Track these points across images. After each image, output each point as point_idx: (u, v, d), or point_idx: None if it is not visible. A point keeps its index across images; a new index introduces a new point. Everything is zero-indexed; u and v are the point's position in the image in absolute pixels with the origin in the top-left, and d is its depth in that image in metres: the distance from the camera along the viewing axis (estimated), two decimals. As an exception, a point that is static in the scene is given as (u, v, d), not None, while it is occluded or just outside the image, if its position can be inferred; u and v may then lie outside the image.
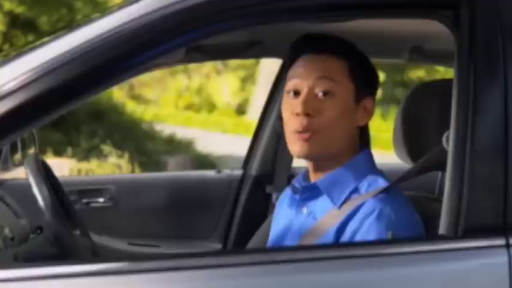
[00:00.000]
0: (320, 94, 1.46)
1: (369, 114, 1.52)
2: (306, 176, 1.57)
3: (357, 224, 1.39)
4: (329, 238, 1.41)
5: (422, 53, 2.30)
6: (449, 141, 1.32)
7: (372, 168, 1.51)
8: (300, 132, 1.44)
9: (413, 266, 1.25)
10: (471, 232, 1.26)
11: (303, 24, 1.67)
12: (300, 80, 1.48)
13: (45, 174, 1.57)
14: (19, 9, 8.78)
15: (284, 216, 1.60)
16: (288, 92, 1.50)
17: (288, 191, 1.63)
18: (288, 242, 1.52)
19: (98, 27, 1.26)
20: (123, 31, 1.23)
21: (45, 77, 1.21)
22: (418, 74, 10.50)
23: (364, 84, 1.51)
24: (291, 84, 1.50)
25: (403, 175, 1.47)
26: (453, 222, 1.26)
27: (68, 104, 1.23)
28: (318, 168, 1.51)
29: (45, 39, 1.36)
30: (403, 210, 1.41)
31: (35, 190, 1.48)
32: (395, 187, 1.44)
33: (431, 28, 1.55)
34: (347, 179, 1.47)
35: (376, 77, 1.56)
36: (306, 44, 1.51)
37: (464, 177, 1.26)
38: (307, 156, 1.49)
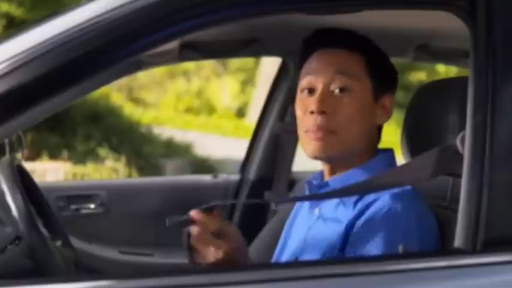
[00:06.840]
0: (336, 91, 1.39)
1: (388, 112, 1.45)
2: (322, 175, 1.49)
3: (362, 223, 1.31)
4: (336, 241, 1.34)
5: (428, 51, 2.24)
6: (464, 143, 1.21)
7: None
8: (313, 131, 1.37)
9: (427, 283, 1.14)
10: (491, 245, 1.16)
11: (303, 19, 1.58)
12: (314, 76, 1.41)
13: (21, 180, 1.45)
14: (17, 12, 8.69)
15: (298, 215, 1.55)
16: (302, 90, 1.43)
17: (305, 189, 1.55)
18: (296, 243, 1.47)
19: (77, 17, 1.15)
20: (104, 21, 1.13)
21: (17, 71, 1.10)
22: (419, 76, 10.44)
23: (383, 81, 1.44)
24: (305, 81, 1.43)
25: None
26: (471, 235, 1.16)
27: (45, 102, 1.12)
28: (333, 170, 1.44)
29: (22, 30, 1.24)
30: (417, 214, 1.33)
31: (8, 198, 1.36)
32: (415, 192, 1.36)
33: (439, 24, 1.47)
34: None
35: (395, 73, 1.50)
36: (319, 39, 1.45)
37: (482, 184, 1.16)
38: (321, 157, 1.41)
